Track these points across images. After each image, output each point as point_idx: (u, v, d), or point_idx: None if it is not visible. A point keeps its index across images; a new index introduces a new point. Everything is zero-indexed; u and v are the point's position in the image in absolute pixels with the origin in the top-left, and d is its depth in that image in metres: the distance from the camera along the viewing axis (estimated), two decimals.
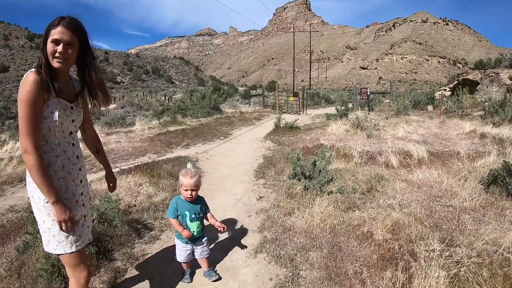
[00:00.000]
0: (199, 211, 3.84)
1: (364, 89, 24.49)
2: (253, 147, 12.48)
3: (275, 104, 30.21)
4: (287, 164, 8.79)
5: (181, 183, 3.72)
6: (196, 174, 3.72)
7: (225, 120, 20.51)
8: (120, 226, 5.10)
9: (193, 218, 3.79)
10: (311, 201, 5.88)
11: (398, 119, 18.01)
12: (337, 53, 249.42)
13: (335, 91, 73.83)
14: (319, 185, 6.13)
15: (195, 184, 3.68)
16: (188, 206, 3.77)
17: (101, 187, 7.43)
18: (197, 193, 3.82)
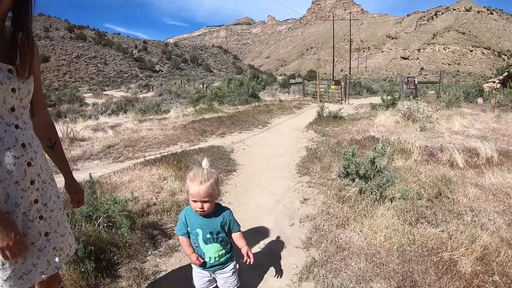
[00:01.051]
0: (219, 229, 2.74)
1: (411, 78, 22.93)
2: (293, 138, 11.43)
3: (316, 92, 28.96)
4: (335, 158, 7.67)
5: (187, 189, 2.63)
6: (210, 179, 2.59)
7: (263, 108, 19.57)
8: (128, 234, 4.10)
9: (208, 239, 2.73)
10: (369, 209, 4.68)
11: (449, 111, 16.63)
12: (377, 42, 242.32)
13: (375, 81, 71.34)
14: (380, 188, 4.92)
15: (207, 192, 2.55)
16: (200, 222, 2.72)
17: (120, 180, 6.52)
18: (212, 205, 2.69)
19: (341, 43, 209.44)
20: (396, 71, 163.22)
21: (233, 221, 2.84)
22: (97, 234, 3.94)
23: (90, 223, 4.07)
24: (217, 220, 2.74)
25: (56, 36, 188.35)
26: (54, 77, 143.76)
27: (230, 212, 2.85)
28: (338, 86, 27.90)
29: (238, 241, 2.86)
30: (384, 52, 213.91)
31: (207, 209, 2.62)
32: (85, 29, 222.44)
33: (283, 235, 4.50)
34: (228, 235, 2.84)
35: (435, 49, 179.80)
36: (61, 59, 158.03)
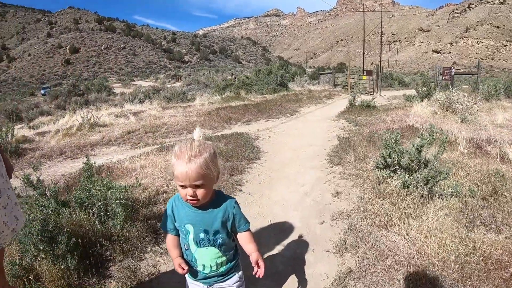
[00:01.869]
0: (218, 227, 2.00)
1: (447, 69, 21.64)
2: (324, 127, 10.73)
3: (346, 83, 27.90)
4: (370, 147, 6.95)
5: (172, 170, 1.84)
6: (203, 153, 1.81)
7: (292, 97, 18.91)
8: (123, 225, 3.46)
9: (201, 240, 2.00)
10: (416, 208, 3.89)
11: (489, 104, 15.56)
12: (409, 35, 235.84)
13: (406, 75, 69.30)
14: (428, 183, 4.12)
15: (199, 173, 1.77)
16: (191, 216, 1.98)
17: (132, 165, 5.94)
18: (209, 192, 1.90)
19: (371, 36, 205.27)
20: (428, 65, 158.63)
21: (239, 216, 2.06)
22: (92, 225, 3.33)
23: (85, 211, 3.46)
24: (216, 214, 1.98)
25: (86, 28, 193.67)
26: (84, 67, 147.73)
27: (236, 203, 2.07)
28: (370, 77, 26.80)
29: (245, 245, 2.10)
30: (416, 45, 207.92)
31: (201, 197, 1.85)
32: (114, 21, 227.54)
33: (311, 236, 3.79)
34: (231, 236, 2.10)
35: (468, 43, 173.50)
36: (91, 50, 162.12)
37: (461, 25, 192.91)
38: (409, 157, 4.29)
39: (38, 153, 8.43)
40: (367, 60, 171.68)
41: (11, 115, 13.91)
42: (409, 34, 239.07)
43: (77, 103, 22.88)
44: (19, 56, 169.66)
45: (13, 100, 37.23)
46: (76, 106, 18.83)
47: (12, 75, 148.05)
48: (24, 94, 57.57)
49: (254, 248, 2.08)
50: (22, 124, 14.30)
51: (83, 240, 3.02)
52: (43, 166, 7.18)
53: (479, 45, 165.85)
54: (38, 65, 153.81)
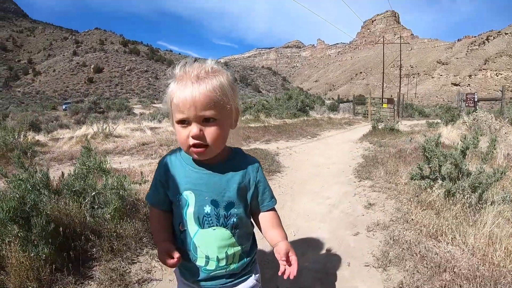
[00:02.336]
0: (233, 197, 1.38)
1: (470, 95, 20.96)
2: (346, 148, 10.30)
3: (366, 112, 27.43)
4: (400, 163, 6.38)
5: (169, 100, 1.29)
6: (217, 75, 1.27)
7: (312, 122, 18.58)
8: (112, 218, 2.94)
9: (206, 216, 1.36)
10: (469, 216, 3.30)
11: None
12: (427, 68, 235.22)
13: (426, 107, 68.97)
14: (477, 190, 3.54)
15: (210, 97, 1.22)
16: (194, 177, 1.36)
17: (141, 169, 5.47)
18: (223, 135, 1.30)
19: (390, 69, 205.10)
20: (447, 97, 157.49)
21: (264, 184, 1.45)
22: (81, 216, 2.83)
23: (77, 201, 2.95)
24: (232, 177, 1.38)
25: (111, 49, 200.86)
26: (106, 87, 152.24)
27: (260, 166, 1.47)
28: (391, 105, 26.29)
29: (269, 231, 1.45)
30: (435, 78, 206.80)
31: (211, 140, 1.25)
32: (138, 44, 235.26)
33: (343, 248, 3.22)
34: (249, 216, 1.49)
35: (487, 75, 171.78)
36: (114, 71, 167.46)
37: (479, 57, 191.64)
38: (453, 162, 3.70)
39: (48, 156, 8.15)
40: (386, 93, 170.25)
41: (31, 126, 13.93)
42: (428, 67, 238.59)
43: (96, 119, 23.01)
44: (44, 71, 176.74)
45: (35, 111, 37.80)
46: (95, 120, 18.83)
47: (36, 88, 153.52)
48: (46, 107, 58.76)
49: (282, 235, 1.43)
50: (41, 134, 14.39)
51: (65, 230, 2.52)
52: (51, 168, 6.89)
53: (498, 77, 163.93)
54: (62, 81, 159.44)
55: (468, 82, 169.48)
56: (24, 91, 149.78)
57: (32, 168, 2.97)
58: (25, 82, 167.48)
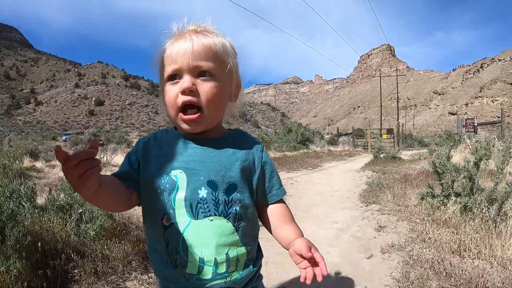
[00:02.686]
0: (236, 176, 1.10)
1: (470, 121, 20.91)
2: (349, 176, 10.14)
3: (366, 144, 27.39)
4: (407, 187, 6.15)
5: (159, 56, 1.10)
6: (218, 34, 1.10)
7: (312, 154, 18.52)
8: (97, 238, 2.67)
9: (201, 201, 1.05)
10: (489, 228, 3.07)
11: None
12: (424, 99, 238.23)
13: (424, 138, 69.79)
14: (494, 203, 3.31)
15: (209, 48, 1.05)
16: (188, 152, 1.10)
17: None
18: (221, 97, 1.08)
19: (388, 102, 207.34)
20: (445, 127, 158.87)
21: (271, 168, 1.20)
22: (64, 234, 2.57)
23: (62, 218, 2.69)
24: (233, 154, 1.13)
25: (112, 83, 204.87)
26: (107, 120, 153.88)
27: (263, 148, 1.22)
28: (390, 135, 26.28)
29: (280, 226, 1.18)
30: (432, 108, 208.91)
31: (206, 99, 1.04)
32: (139, 79, 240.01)
33: (357, 272, 2.95)
34: (255, 205, 1.18)
35: (483, 102, 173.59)
36: (115, 105, 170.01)
37: (475, 85, 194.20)
38: (467, 175, 3.48)
39: (43, 181, 7.86)
40: (384, 125, 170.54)
41: (29, 153, 13.83)
42: (425, 98, 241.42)
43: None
44: (46, 101, 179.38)
45: (34, 140, 37.76)
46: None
47: (37, 118, 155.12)
48: (46, 137, 59.23)
49: (298, 232, 1.17)
50: (38, 161, 14.32)
51: (45, 246, 2.26)
52: (44, 192, 6.63)
53: (494, 103, 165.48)
54: (63, 112, 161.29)
55: (465, 110, 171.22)
56: (25, 120, 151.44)
57: (16, 180, 2.75)
58: (26, 111, 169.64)
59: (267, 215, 1.19)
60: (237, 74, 1.15)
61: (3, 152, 7.80)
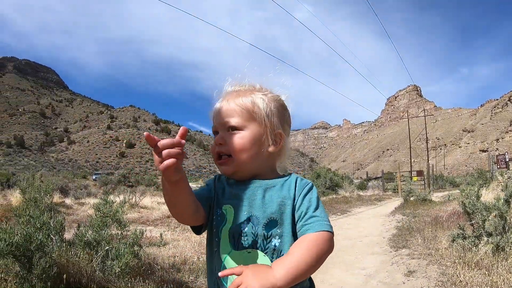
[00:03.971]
0: (275, 213, 1.17)
1: (501, 156, 20.20)
2: (378, 221, 10.03)
3: (396, 187, 26.84)
4: (438, 229, 6.02)
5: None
6: (252, 93, 1.26)
7: (341, 200, 18.29)
8: (122, 275, 2.70)
9: (242, 234, 1.16)
10: None
11: None
12: (454, 138, 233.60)
13: (456, 178, 67.92)
14: None
15: (235, 105, 1.23)
16: (236, 190, 1.23)
17: (164, 236, 5.27)
18: (252, 147, 1.20)
19: (417, 143, 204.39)
20: (476, 165, 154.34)
21: (315, 204, 1.18)
22: (90, 269, 2.61)
23: (89, 253, 2.76)
24: (276, 192, 1.21)
25: (143, 127, 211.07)
26: (137, 162, 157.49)
27: (313, 186, 1.25)
28: (420, 177, 25.70)
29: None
30: (462, 147, 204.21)
31: (234, 149, 1.19)
32: (170, 123, 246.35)
33: None
34: (293, 236, 1.19)
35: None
36: (145, 148, 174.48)
37: (504, 119, 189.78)
38: (498, 213, 3.39)
39: (71, 218, 8.22)
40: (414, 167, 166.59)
41: (60, 190, 14.31)
42: (454, 136, 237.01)
43: (124, 191, 23.35)
44: (78, 141, 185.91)
45: (65, 177, 38.67)
46: (123, 192, 19.10)
47: (69, 156, 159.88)
48: (77, 175, 60.39)
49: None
50: (68, 198, 14.71)
51: (70, 279, 2.31)
52: (72, 228, 6.86)
53: None
54: (94, 152, 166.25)
55: (496, 146, 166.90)
56: (57, 157, 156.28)
57: (47, 213, 2.84)
58: (59, 149, 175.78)
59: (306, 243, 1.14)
60: (276, 126, 1.26)
61: (35, 186, 8.07)
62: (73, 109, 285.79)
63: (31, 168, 66.79)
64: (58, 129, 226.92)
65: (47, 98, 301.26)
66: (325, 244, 1.10)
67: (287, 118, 1.33)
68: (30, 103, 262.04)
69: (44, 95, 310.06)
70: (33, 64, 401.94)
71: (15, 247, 2.14)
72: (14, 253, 2.15)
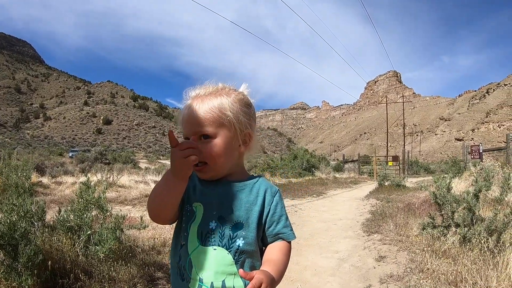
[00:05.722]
0: (242, 217, 1.27)
1: (475, 147, 20.68)
2: (353, 204, 10.19)
3: (372, 171, 27.36)
4: (410, 216, 6.21)
5: (180, 116, 1.37)
6: (222, 94, 1.31)
7: (318, 181, 18.42)
8: (105, 260, 2.77)
9: (210, 231, 1.25)
10: (487, 259, 3.14)
11: None
12: (430, 125, 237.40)
13: (431, 164, 69.41)
14: (494, 233, 3.38)
15: (205, 113, 1.26)
16: (208, 189, 1.31)
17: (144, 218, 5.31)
18: (226, 152, 1.27)
19: (394, 128, 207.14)
20: (451, 153, 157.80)
21: (280, 211, 1.32)
22: (73, 253, 2.67)
23: (71, 238, 2.80)
24: (245, 196, 1.30)
25: (121, 103, 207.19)
26: (114, 139, 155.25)
27: (279, 192, 1.37)
28: (396, 163, 26.22)
29: (263, 265, 1.28)
30: (438, 135, 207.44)
31: (208, 156, 1.24)
32: (148, 100, 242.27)
33: None
34: (259, 244, 1.33)
35: (490, 128, 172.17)
36: (123, 124, 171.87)
37: (481, 110, 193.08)
38: (466, 206, 3.56)
39: (49, 198, 8.16)
40: (391, 152, 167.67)
41: (36, 168, 14.05)
42: (431, 124, 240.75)
43: (101, 169, 23.06)
44: (54, 117, 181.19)
45: (41, 155, 38.00)
46: (100, 170, 18.86)
47: (45, 133, 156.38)
48: (53, 152, 59.19)
49: (271, 268, 1.23)
50: (44, 177, 14.44)
51: (54, 265, 2.36)
52: (50, 209, 6.81)
53: (500, 128, 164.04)
54: (71, 129, 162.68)
55: (472, 136, 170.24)
56: (33, 134, 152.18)
57: (28, 200, 2.86)
58: (35, 125, 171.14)
59: (271, 252, 1.32)
60: (245, 126, 1.31)
61: (11, 166, 7.96)
62: (49, 85, 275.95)
63: (6, 146, 65.10)
64: (34, 105, 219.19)
65: (23, 73, 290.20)
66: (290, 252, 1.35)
67: (253, 114, 1.39)
68: (5, 78, 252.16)
69: (19, 70, 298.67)
70: (8, 38, 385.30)
71: (0, 237, 2.17)
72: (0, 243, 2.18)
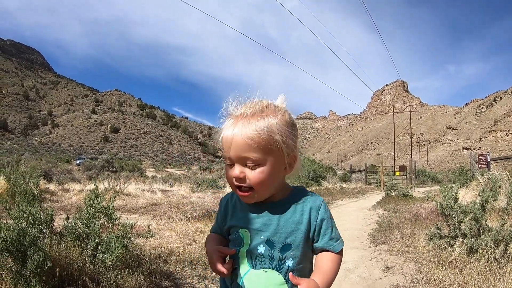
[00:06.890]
0: (290, 237, 1.28)
1: (482, 156, 20.51)
2: (360, 215, 10.17)
3: (379, 181, 27.24)
4: (417, 227, 6.24)
5: (220, 134, 1.27)
6: (269, 115, 1.23)
7: (324, 191, 18.54)
8: (112, 268, 2.80)
9: (259, 256, 1.27)
10: (494, 271, 3.13)
11: None
12: (438, 134, 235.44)
13: (438, 174, 69.02)
14: (501, 244, 3.37)
15: (250, 139, 1.18)
16: (252, 215, 1.31)
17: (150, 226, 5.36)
18: (272, 178, 1.23)
19: (401, 137, 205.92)
20: (458, 162, 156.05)
21: (326, 224, 1.34)
22: (81, 261, 2.70)
23: (79, 245, 2.83)
24: (290, 217, 1.30)
25: (128, 111, 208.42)
26: (121, 147, 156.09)
27: (323, 203, 1.37)
28: (403, 173, 26.10)
29: (313, 275, 1.29)
30: (445, 144, 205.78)
31: (255, 183, 1.21)
32: (155, 109, 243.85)
33: None
34: (311, 260, 1.37)
35: (497, 136, 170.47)
36: (130, 133, 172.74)
37: (488, 119, 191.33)
38: (473, 217, 3.55)
39: (56, 205, 8.22)
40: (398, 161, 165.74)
41: (43, 175, 14.26)
42: (438, 133, 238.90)
43: (108, 177, 23.15)
44: (62, 125, 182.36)
45: (48, 162, 38.17)
46: (107, 178, 18.96)
47: (52, 140, 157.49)
48: (60, 160, 60.07)
49: (319, 277, 1.26)
50: (51, 184, 14.55)
51: (62, 272, 2.39)
52: (57, 216, 6.92)
53: (508, 136, 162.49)
54: (78, 137, 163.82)
55: (479, 145, 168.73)
56: (40, 141, 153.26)
57: (37, 207, 2.90)
58: (43, 132, 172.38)
59: (316, 260, 1.36)
60: (291, 148, 1.27)
61: (19, 172, 8.05)
62: (57, 92, 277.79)
63: (14, 152, 65.54)
64: (42, 112, 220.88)
65: (32, 80, 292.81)
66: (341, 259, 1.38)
67: (296, 135, 1.32)
68: (14, 85, 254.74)
69: (28, 77, 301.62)
70: (18, 45, 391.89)
71: (10, 243, 2.20)
72: (9, 248, 2.21)
